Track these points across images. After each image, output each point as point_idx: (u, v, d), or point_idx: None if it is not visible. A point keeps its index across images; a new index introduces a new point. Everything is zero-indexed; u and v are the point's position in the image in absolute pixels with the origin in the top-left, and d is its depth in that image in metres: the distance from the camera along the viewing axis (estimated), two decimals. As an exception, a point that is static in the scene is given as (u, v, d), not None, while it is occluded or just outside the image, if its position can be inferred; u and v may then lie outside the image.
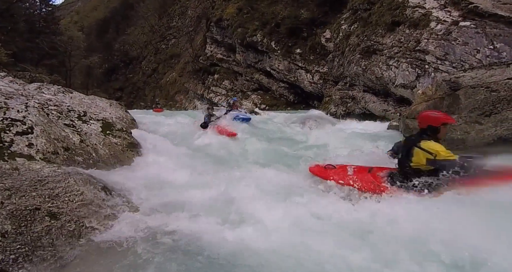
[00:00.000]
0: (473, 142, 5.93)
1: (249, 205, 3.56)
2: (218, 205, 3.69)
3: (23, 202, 3.13)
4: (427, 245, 2.60)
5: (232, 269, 2.61)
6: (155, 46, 45.29)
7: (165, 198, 3.91)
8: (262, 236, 3.00)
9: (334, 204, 3.62)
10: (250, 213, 3.41)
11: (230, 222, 3.29)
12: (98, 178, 4.01)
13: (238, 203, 3.64)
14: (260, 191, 3.95)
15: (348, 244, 2.79)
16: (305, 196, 3.79)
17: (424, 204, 3.13)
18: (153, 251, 2.86)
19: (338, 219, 3.27)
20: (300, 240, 2.88)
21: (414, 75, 10.59)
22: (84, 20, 56.82)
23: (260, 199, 3.71)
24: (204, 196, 3.92)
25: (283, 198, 3.76)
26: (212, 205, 3.71)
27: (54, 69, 31.42)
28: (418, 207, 3.10)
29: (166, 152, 5.92)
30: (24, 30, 27.47)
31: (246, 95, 24.49)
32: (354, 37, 14.33)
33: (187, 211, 3.55)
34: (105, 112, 6.78)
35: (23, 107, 4.57)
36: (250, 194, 3.83)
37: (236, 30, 24.65)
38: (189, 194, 3.99)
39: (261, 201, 3.64)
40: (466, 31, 9.63)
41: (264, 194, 3.87)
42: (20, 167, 3.56)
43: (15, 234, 2.86)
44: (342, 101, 14.27)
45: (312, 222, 3.23)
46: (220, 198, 3.82)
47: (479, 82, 6.28)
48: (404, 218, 2.97)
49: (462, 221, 2.75)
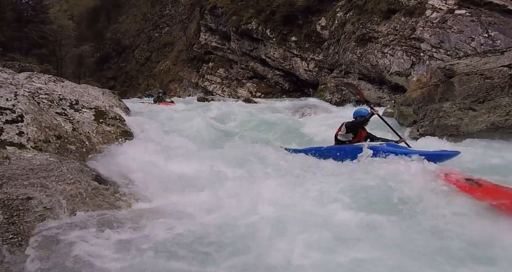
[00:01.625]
0: (466, 128, 5.98)
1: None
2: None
3: (14, 191, 3.09)
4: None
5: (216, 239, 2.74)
6: (148, 35, 44.52)
7: (159, 185, 3.90)
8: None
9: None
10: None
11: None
12: (91, 167, 3.97)
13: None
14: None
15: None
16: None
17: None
18: (148, 237, 2.86)
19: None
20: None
21: (409, 62, 10.58)
22: (74, 8, 55.47)
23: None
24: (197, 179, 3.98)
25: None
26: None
27: (45, 58, 30.81)
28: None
29: (157, 138, 5.90)
30: (12, 19, 26.78)
31: (241, 83, 24.30)
32: (350, 25, 14.21)
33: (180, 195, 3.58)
34: (98, 101, 6.68)
35: (12, 96, 4.47)
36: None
37: (230, 18, 24.27)
38: (183, 180, 4.00)
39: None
40: (461, 19, 9.60)
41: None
42: (11, 156, 3.50)
43: (7, 224, 2.83)
44: (337, 88, 14.25)
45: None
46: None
47: (474, 70, 6.29)
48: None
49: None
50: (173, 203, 3.58)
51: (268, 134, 8.16)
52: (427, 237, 2.66)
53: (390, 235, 2.69)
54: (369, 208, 3.10)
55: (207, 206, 3.44)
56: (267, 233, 2.78)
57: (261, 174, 4.20)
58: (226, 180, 4.06)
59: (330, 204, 3.26)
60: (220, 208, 3.40)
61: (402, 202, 3.13)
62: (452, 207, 2.99)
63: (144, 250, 2.65)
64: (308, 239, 2.64)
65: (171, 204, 3.53)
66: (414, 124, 7.25)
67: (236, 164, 4.58)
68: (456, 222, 2.78)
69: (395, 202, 3.14)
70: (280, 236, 2.74)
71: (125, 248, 2.70)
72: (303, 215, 3.09)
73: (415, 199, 3.17)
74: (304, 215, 3.10)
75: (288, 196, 3.49)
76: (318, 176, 4.14)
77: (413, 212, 3.02)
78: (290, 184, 3.80)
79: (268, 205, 3.26)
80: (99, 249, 2.69)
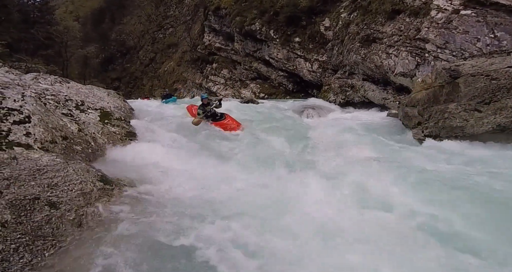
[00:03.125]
0: (472, 130, 5.93)
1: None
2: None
3: (22, 191, 3.12)
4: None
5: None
6: (152, 36, 44.74)
7: (163, 185, 3.91)
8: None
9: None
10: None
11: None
12: (97, 167, 3.99)
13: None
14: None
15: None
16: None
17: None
18: (152, 237, 2.87)
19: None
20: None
21: (413, 63, 10.51)
22: (79, 9, 55.94)
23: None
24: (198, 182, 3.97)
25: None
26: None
27: (51, 59, 31.03)
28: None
29: (160, 138, 5.92)
30: (18, 20, 27.04)
31: (245, 84, 24.33)
32: (354, 25, 14.17)
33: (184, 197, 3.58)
34: (103, 102, 6.73)
35: (20, 97, 4.52)
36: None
37: (234, 19, 24.32)
38: (185, 181, 4.01)
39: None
40: (467, 20, 9.53)
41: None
42: (18, 157, 3.54)
43: (15, 223, 2.86)
44: (341, 89, 14.20)
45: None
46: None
47: (479, 70, 6.24)
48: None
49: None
50: (179, 202, 3.58)
51: (272, 135, 8.12)
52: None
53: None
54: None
55: (216, 204, 3.45)
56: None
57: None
58: (233, 180, 4.06)
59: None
60: (221, 208, 3.39)
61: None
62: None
63: (145, 250, 2.67)
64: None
65: (177, 203, 3.53)
66: (419, 125, 7.21)
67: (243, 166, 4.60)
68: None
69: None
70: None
71: (130, 248, 2.72)
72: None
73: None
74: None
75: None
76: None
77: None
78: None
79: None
80: (105, 249, 2.71)
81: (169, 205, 3.51)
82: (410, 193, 3.57)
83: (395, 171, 4.13)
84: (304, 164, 4.97)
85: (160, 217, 3.20)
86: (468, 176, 3.93)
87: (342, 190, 3.71)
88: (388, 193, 3.57)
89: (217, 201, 3.58)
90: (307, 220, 3.08)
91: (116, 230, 2.98)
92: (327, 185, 3.83)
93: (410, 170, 4.18)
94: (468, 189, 3.51)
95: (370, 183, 3.80)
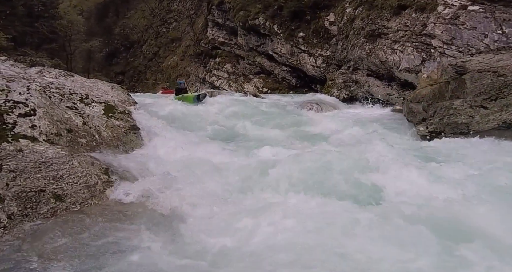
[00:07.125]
0: (477, 126, 5.89)
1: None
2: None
3: (28, 183, 3.15)
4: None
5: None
6: (156, 30, 44.60)
7: (169, 180, 3.93)
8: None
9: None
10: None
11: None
12: (102, 160, 4.02)
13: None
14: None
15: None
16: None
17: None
18: (157, 233, 2.89)
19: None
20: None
21: (419, 59, 10.43)
22: (83, 3, 55.75)
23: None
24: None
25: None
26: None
27: (55, 53, 31.07)
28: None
29: (164, 132, 5.96)
30: (23, 14, 27.04)
31: (248, 78, 24.25)
32: (359, 20, 14.04)
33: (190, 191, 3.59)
34: (107, 95, 6.74)
35: (25, 90, 4.54)
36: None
37: (238, 13, 24.15)
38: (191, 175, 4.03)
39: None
40: (475, 16, 9.41)
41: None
42: (24, 149, 3.56)
43: (21, 215, 2.89)
44: (345, 85, 14.13)
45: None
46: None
47: (486, 67, 6.18)
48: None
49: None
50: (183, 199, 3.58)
51: (275, 130, 8.10)
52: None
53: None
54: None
55: (213, 197, 3.47)
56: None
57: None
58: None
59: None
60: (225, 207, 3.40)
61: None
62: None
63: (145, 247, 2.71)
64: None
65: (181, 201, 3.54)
66: (423, 121, 7.17)
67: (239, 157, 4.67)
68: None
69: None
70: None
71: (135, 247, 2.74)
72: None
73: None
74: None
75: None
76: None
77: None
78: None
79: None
80: (109, 241, 2.74)
81: (171, 200, 3.52)
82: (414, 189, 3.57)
83: (400, 167, 4.11)
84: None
85: (161, 212, 3.22)
86: (478, 170, 3.95)
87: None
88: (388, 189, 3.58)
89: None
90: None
91: (120, 223, 3.01)
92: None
93: (412, 166, 4.17)
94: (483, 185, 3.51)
95: (370, 182, 3.80)
